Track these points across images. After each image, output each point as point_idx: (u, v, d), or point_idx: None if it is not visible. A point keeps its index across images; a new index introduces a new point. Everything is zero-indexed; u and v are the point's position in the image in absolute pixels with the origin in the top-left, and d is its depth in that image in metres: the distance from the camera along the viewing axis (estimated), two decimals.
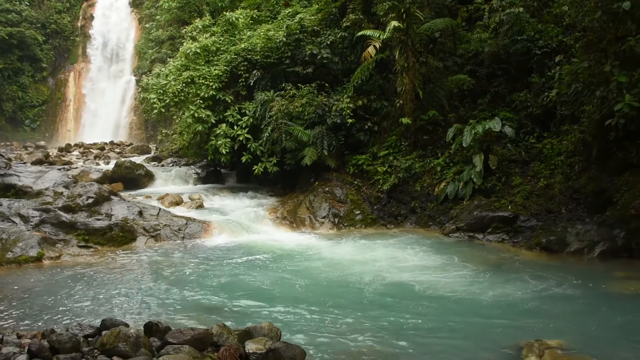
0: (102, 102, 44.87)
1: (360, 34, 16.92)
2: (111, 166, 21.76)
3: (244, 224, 14.99)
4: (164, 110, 20.50)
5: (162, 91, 19.95)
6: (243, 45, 19.11)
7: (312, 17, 19.07)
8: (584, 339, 7.31)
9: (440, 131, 16.38)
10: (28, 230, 12.42)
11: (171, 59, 22.68)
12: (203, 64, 19.66)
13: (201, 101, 18.70)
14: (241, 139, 18.09)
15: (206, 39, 20.21)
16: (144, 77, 31.65)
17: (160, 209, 15.12)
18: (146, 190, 19.44)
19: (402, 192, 16.02)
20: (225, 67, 19.07)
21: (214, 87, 18.72)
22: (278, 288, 9.83)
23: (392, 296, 9.32)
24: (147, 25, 39.13)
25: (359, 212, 15.74)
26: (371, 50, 16.27)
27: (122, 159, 23.64)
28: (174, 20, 30.20)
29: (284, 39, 18.37)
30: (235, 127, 18.31)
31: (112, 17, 47.30)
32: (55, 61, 46.17)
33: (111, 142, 38.31)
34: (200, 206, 16.68)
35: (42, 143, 38.99)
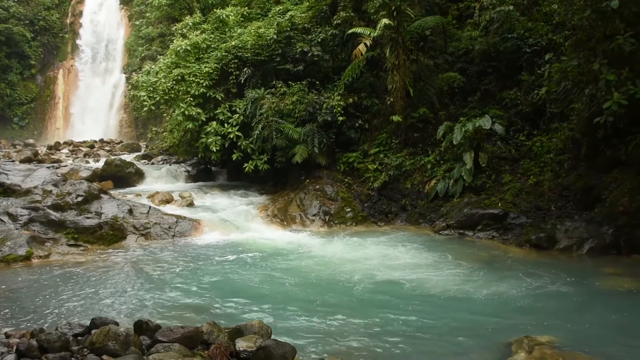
0: (92, 99, 44.53)
1: (351, 31, 16.93)
2: (101, 164, 21.63)
3: (234, 222, 14.96)
4: (154, 108, 20.41)
5: (152, 89, 19.85)
6: (233, 43, 19.06)
7: (303, 15, 19.06)
8: (575, 336, 7.35)
9: (431, 129, 16.41)
10: (17, 229, 12.32)
11: (161, 57, 22.58)
12: (193, 61, 19.59)
13: (191, 99, 18.63)
14: (232, 136, 18.05)
15: (196, 36, 20.15)
16: (134, 74, 31.42)
17: (150, 207, 15.05)
18: (136, 188, 19.37)
19: (393, 189, 16.05)
20: (216, 65, 19.01)
21: (204, 84, 18.66)
22: (268, 286, 9.81)
23: (383, 294, 9.34)
24: (137, 23, 38.95)
25: (349, 209, 15.75)
26: (362, 47, 16.28)
27: (112, 157, 23.51)
28: (164, 17, 30.08)
29: (275, 37, 18.34)
30: (226, 125, 18.27)
31: (102, 14, 46.96)
32: (44, 58, 45.75)
33: (101, 140, 38.05)
34: (191, 204, 16.63)
35: (31, 141, 38.66)
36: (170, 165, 23.17)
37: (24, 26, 43.60)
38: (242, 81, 18.74)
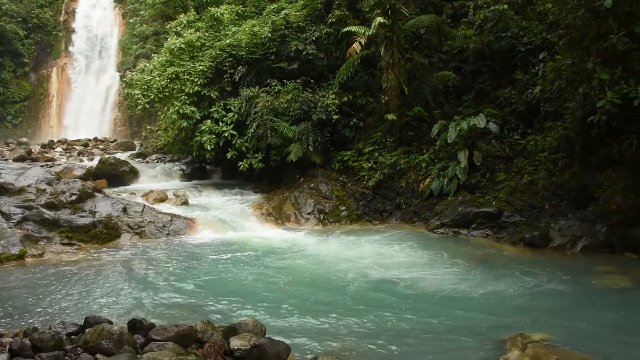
0: (86, 98, 44.32)
1: (345, 30, 16.94)
2: (95, 163, 21.52)
3: (229, 220, 14.94)
4: (148, 106, 20.35)
5: (146, 87, 19.79)
6: (228, 41, 19.01)
7: (298, 13, 19.04)
8: (569, 334, 7.36)
9: (425, 127, 16.44)
10: (10, 228, 12.24)
11: (155, 55, 22.52)
12: (188, 59, 19.53)
13: (186, 97, 18.58)
14: (226, 135, 18.01)
15: (191, 34, 20.08)
16: (128, 72, 31.30)
17: (144, 205, 15.01)
18: (131, 186, 19.29)
19: (387, 188, 16.07)
20: (210, 63, 18.96)
21: (198, 83, 18.60)
22: (263, 285, 9.80)
23: (377, 293, 9.34)
24: (131, 21, 38.72)
25: (344, 208, 15.76)
26: (356, 46, 16.28)
27: (106, 156, 23.37)
28: (158, 15, 29.97)
29: (269, 35, 18.32)
30: (221, 123, 18.22)
31: (96, 12, 46.71)
32: (37, 56, 45.44)
33: (95, 139, 37.84)
34: (185, 203, 16.58)
35: (25, 139, 38.40)
36: (165, 163, 23.09)
37: (17, 24, 43.25)
38: (237, 79, 18.70)
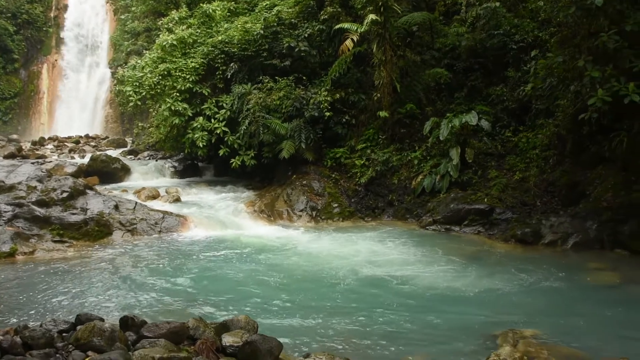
0: (77, 94, 44.04)
1: (338, 27, 16.91)
2: (86, 160, 21.42)
3: (221, 217, 14.91)
4: (140, 103, 20.22)
5: (138, 84, 19.67)
6: (220, 38, 18.95)
7: (290, 10, 18.99)
8: (562, 330, 7.38)
9: (418, 124, 16.47)
10: (0, 226, 12.16)
11: (147, 51, 22.40)
12: (179, 56, 19.44)
13: (178, 94, 18.51)
14: (218, 132, 17.95)
15: (183, 31, 19.98)
16: (119, 69, 31.16)
17: (136, 202, 14.95)
18: (122, 184, 19.21)
19: (380, 185, 16.10)
20: (202, 60, 18.89)
21: (190, 79, 18.53)
22: (254, 282, 9.79)
23: (369, 290, 9.36)
24: (122, 17, 38.47)
25: (336, 205, 15.77)
26: (349, 43, 16.28)
27: (98, 153, 23.31)
28: (150, 11, 29.78)
29: (262, 32, 18.26)
30: (213, 120, 18.16)
31: (87, 7, 46.41)
32: (27, 52, 45.06)
33: (86, 136, 37.65)
34: (177, 200, 16.54)
35: (15, 136, 38.13)
36: (157, 160, 23.03)
37: (6, 19, 42.82)
38: (229, 76, 18.64)
